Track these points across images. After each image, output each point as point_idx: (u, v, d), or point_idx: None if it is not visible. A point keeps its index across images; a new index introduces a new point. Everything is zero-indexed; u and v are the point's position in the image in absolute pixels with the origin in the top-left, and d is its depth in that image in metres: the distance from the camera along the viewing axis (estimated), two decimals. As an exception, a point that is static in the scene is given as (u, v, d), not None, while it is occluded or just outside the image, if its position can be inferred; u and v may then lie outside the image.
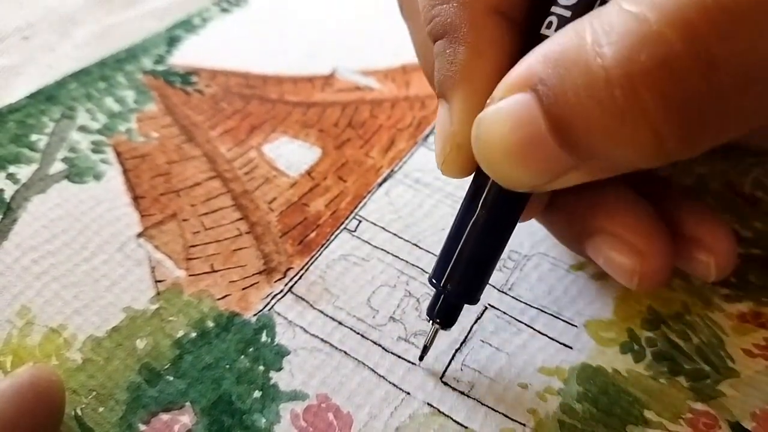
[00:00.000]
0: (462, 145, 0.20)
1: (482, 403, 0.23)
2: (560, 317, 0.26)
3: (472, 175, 0.21)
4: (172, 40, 0.37)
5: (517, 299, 0.26)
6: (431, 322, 0.23)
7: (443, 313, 0.23)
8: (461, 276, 0.22)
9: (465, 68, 0.20)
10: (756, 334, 0.25)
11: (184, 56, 0.36)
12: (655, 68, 0.16)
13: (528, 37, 0.20)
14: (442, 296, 0.22)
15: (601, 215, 0.23)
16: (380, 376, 0.24)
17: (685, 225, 0.24)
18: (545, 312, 0.26)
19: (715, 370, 0.24)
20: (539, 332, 0.25)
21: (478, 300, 0.23)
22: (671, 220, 0.24)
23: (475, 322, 0.25)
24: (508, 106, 0.18)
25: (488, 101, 0.19)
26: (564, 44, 0.17)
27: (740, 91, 0.17)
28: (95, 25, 0.37)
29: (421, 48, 0.25)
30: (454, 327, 0.24)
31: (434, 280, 0.22)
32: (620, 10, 0.16)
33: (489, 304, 0.26)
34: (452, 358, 0.24)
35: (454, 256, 0.21)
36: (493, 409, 0.23)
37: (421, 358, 0.24)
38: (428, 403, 0.23)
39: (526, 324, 0.25)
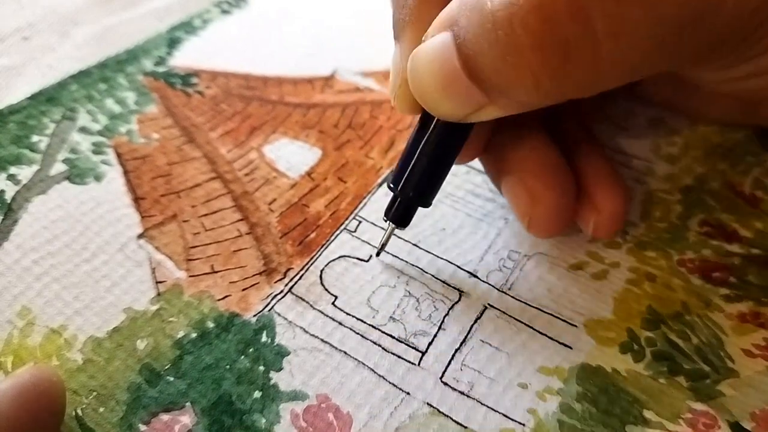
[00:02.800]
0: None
1: (482, 403, 0.23)
2: (560, 317, 0.26)
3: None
4: (172, 42, 0.37)
5: (516, 299, 0.26)
6: (387, 222, 0.25)
7: (399, 214, 0.25)
8: (415, 184, 0.24)
9: (413, 11, 0.22)
10: (756, 334, 0.25)
11: (184, 58, 0.36)
12: (531, 11, 0.18)
13: None
14: (399, 199, 0.25)
15: (513, 158, 0.26)
16: (380, 376, 0.24)
17: (586, 181, 0.26)
18: (545, 312, 0.26)
19: (714, 370, 0.24)
20: (539, 332, 0.25)
21: (430, 204, 0.25)
22: (579, 175, 0.26)
23: (475, 321, 0.25)
24: (433, 43, 0.20)
25: (422, 38, 0.21)
26: None
27: (612, 38, 0.18)
28: (95, 25, 0.37)
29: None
30: (454, 327, 0.25)
31: (392, 185, 0.24)
32: None
33: (489, 304, 0.26)
34: (452, 358, 0.24)
35: (409, 168, 0.24)
36: (492, 409, 0.23)
37: (377, 254, 0.27)
38: (428, 403, 0.23)
39: (525, 324, 0.25)
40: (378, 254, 0.27)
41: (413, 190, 0.24)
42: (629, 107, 0.34)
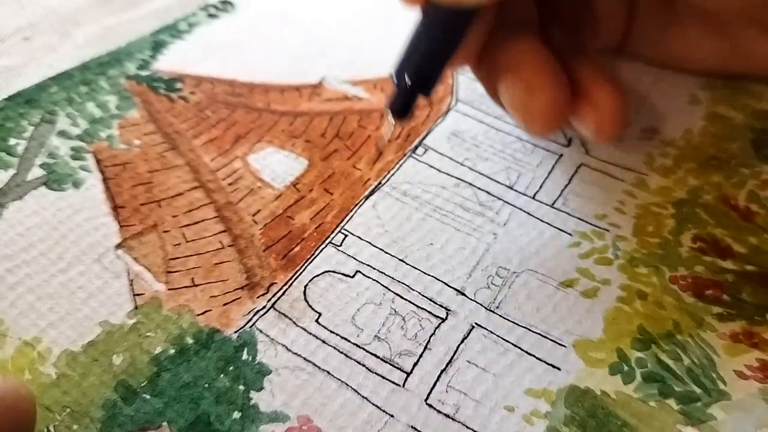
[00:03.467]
0: None
1: (467, 427, 0.23)
2: (548, 336, 0.25)
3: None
4: (156, 45, 0.36)
5: (504, 318, 0.25)
6: (389, 112, 0.25)
7: (402, 103, 0.25)
8: (416, 73, 0.25)
9: None
10: (749, 354, 0.25)
11: (169, 62, 0.35)
12: None
13: None
14: (402, 90, 0.25)
15: (508, 60, 0.27)
16: (363, 397, 0.23)
17: (582, 83, 0.27)
18: (533, 331, 0.25)
19: (706, 393, 0.24)
20: (527, 352, 0.25)
21: (431, 92, 0.25)
22: (575, 79, 0.27)
23: (462, 341, 0.25)
24: None
25: None
26: None
27: None
28: (96, 25, 0.37)
29: None
30: (440, 347, 0.24)
31: (396, 72, 0.25)
32: None
33: (476, 323, 0.25)
34: (437, 379, 0.24)
35: (411, 59, 0.25)
36: (478, 433, 0.22)
37: (380, 152, 0.28)
38: (412, 426, 0.22)
39: (513, 344, 0.25)
40: (381, 152, 0.28)
41: (414, 79, 0.25)
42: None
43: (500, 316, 0.25)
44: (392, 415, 0.23)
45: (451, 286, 0.26)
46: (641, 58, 0.34)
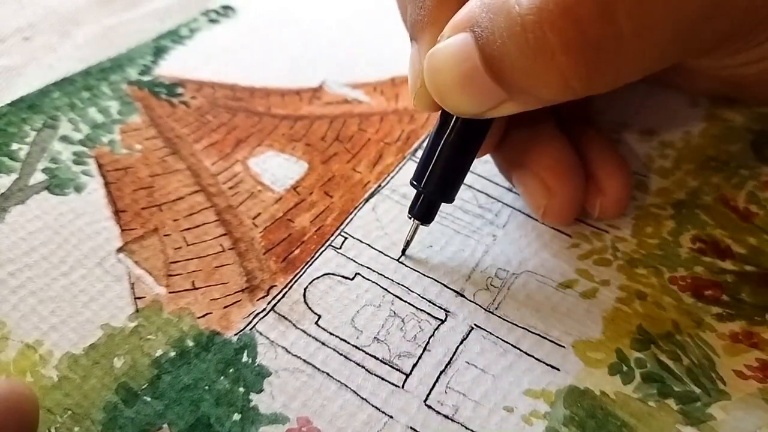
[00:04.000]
0: None
1: (466, 427, 0.23)
2: (548, 337, 0.25)
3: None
4: (158, 51, 0.36)
5: (503, 319, 0.25)
6: (412, 219, 0.26)
7: (423, 210, 0.26)
8: (437, 180, 0.25)
9: (431, 13, 0.23)
10: (748, 354, 0.25)
11: (170, 67, 0.35)
12: (561, 15, 0.19)
13: None
14: (423, 196, 0.25)
15: (527, 152, 0.27)
16: (363, 398, 0.23)
17: (591, 164, 0.27)
18: (532, 332, 0.25)
19: (705, 393, 0.24)
20: (526, 353, 0.25)
21: (453, 199, 0.26)
22: (584, 159, 0.27)
23: (461, 343, 0.25)
24: (452, 43, 0.21)
25: (438, 38, 0.22)
26: None
27: (638, 36, 0.19)
28: (96, 25, 0.37)
29: None
30: (439, 348, 0.24)
31: (415, 182, 0.25)
32: None
33: (475, 324, 0.25)
34: (437, 381, 0.24)
35: (431, 166, 0.24)
36: (477, 434, 0.22)
37: (403, 252, 0.27)
38: (411, 427, 0.22)
39: (512, 345, 0.25)
40: (403, 253, 0.27)
41: (436, 187, 0.25)
42: (621, 119, 0.33)
43: (499, 317, 0.26)
44: (391, 416, 0.23)
45: (450, 288, 0.26)
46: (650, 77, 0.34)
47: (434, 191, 0.25)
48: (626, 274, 0.27)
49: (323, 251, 0.27)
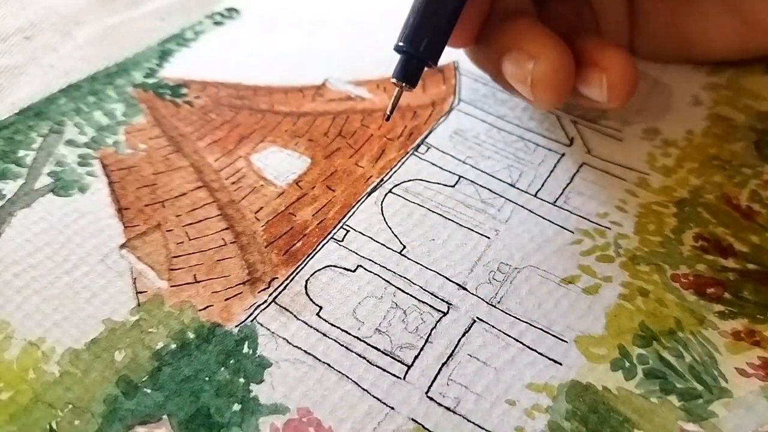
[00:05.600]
0: None
1: (468, 420, 0.22)
2: (550, 332, 0.25)
3: None
4: (163, 54, 0.36)
5: (506, 313, 0.25)
6: (397, 82, 0.26)
7: (408, 70, 0.26)
8: (422, 40, 0.25)
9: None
10: (750, 352, 0.25)
11: (175, 69, 0.35)
12: None
13: None
14: (407, 57, 0.26)
15: (508, 38, 0.27)
16: (364, 389, 0.23)
17: (588, 52, 0.27)
18: (534, 326, 0.25)
19: (707, 390, 0.24)
20: (528, 347, 0.24)
21: (437, 60, 0.26)
22: (581, 50, 0.27)
23: (463, 335, 0.25)
24: None
25: None
26: None
27: None
28: (97, 25, 0.37)
29: None
30: (441, 341, 0.24)
31: (401, 44, 0.26)
32: None
33: (477, 318, 0.25)
34: (438, 372, 0.24)
35: (415, 26, 0.25)
36: (479, 426, 0.22)
37: (387, 118, 0.27)
38: (412, 419, 0.22)
39: (514, 338, 0.25)
40: (388, 118, 0.27)
41: (421, 45, 0.25)
42: (624, 117, 0.33)
43: (502, 310, 0.25)
44: (393, 408, 0.23)
45: (452, 281, 0.26)
46: (652, 52, 0.35)
47: (420, 50, 0.25)
48: (629, 271, 0.27)
49: (325, 244, 0.27)
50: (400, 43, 0.26)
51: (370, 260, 0.27)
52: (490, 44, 0.28)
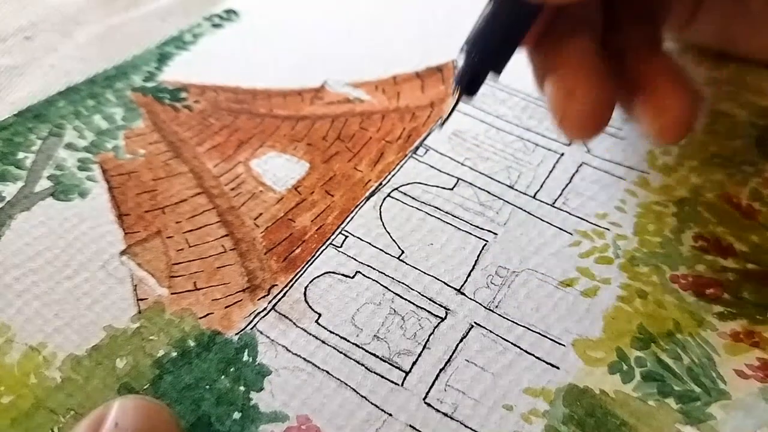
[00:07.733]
0: None
1: (465, 425, 0.23)
2: (547, 336, 0.25)
3: None
4: (162, 57, 0.36)
5: (503, 317, 0.25)
6: (457, 87, 0.25)
7: (471, 79, 0.25)
8: (487, 49, 0.25)
9: None
10: (749, 354, 0.25)
11: (174, 72, 0.35)
12: None
13: None
14: (470, 64, 0.25)
15: (556, 58, 0.26)
16: (362, 396, 0.23)
17: (647, 80, 0.26)
18: (532, 330, 0.25)
19: (705, 392, 0.24)
20: (526, 351, 0.25)
21: (501, 71, 0.25)
22: (641, 76, 0.26)
23: (461, 341, 0.25)
24: None
25: None
26: None
27: None
28: (97, 25, 0.37)
29: None
30: (439, 346, 0.24)
31: (467, 46, 0.25)
32: None
33: (475, 323, 0.25)
34: (436, 378, 0.24)
35: (481, 34, 0.25)
36: (476, 432, 0.22)
37: (442, 124, 0.27)
38: (410, 425, 0.23)
39: (512, 343, 0.25)
40: (443, 124, 0.27)
41: (487, 55, 0.25)
42: (624, 116, 0.33)
43: (499, 315, 0.26)
44: (391, 414, 0.23)
45: (450, 286, 0.26)
46: (702, 45, 0.35)
47: (485, 60, 0.25)
48: (627, 272, 0.27)
49: (324, 250, 0.27)
50: (475, 58, 0.25)
51: (368, 266, 0.27)
52: (539, 54, 0.27)
